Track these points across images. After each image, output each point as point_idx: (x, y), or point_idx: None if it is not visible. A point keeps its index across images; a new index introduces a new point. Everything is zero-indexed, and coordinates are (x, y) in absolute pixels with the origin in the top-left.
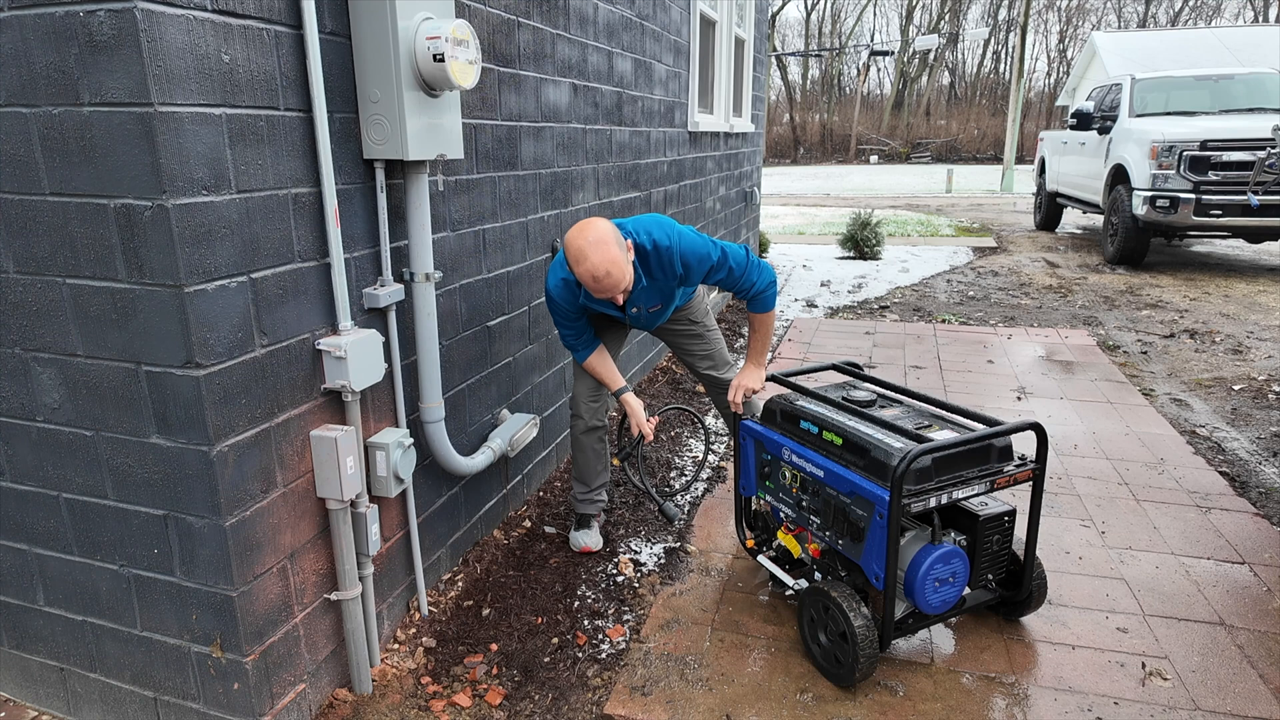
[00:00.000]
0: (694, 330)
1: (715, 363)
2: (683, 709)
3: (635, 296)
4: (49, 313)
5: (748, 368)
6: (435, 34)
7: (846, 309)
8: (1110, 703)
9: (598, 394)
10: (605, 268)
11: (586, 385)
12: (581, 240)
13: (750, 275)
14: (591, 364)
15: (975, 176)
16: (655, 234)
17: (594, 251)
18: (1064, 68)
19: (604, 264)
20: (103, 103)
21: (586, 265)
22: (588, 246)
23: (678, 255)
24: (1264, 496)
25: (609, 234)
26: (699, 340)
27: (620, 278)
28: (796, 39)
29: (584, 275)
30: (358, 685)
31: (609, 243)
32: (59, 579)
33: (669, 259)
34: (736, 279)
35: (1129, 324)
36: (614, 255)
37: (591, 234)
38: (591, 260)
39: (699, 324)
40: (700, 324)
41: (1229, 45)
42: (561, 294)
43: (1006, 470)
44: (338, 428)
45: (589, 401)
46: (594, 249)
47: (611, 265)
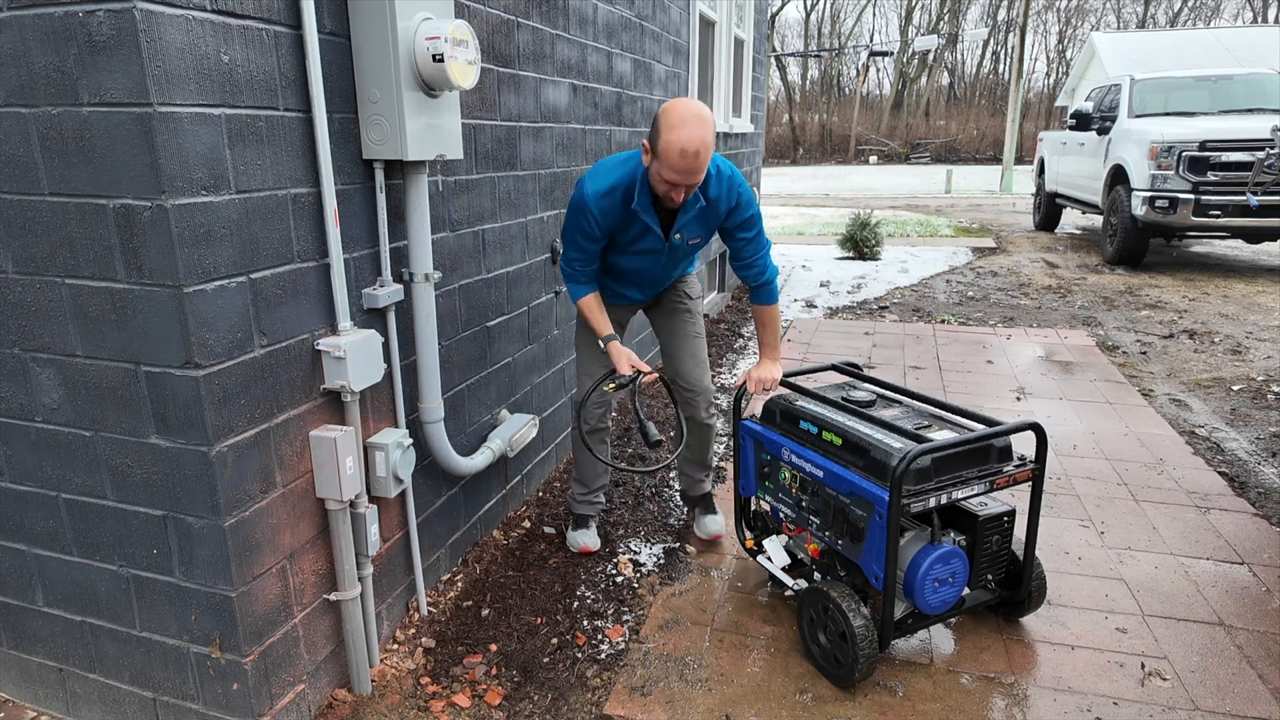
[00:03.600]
0: (690, 310)
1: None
2: (682, 709)
3: (686, 222)
4: (48, 313)
5: (764, 361)
6: (435, 34)
7: (846, 309)
8: (1110, 703)
9: (601, 396)
10: (697, 146)
11: (589, 375)
12: (686, 110)
13: (768, 252)
14: (588, 303)
15: (974, 177)
16: (718, 160)
17: (697, 125)
18: (1063, 68)
19: (699, 140)
20: (102, 103)
21: (684, 133)
22: (692, 117)
23: (738, 185)
24: (1263, 496)
25: (711, 116)
26: (691, 321)
27: (705, 164)
28: (796, 39)
29: (672, 145)
30: (357, 686)
31: (710, 125)
32: (58, 579)
33: (729, 185)
34: (760, 246)
35: (1128, 324)
36: (709, 138)
37: (698, 109)
38: (692, 130)
39: (696, 300)
40: (697, 302)
41: (1228, 46)
42: (601, 203)
43: (1006, 470)
44: (337, 428)
45: (593, 404)
46: (698, 122)
47: (704, 146)
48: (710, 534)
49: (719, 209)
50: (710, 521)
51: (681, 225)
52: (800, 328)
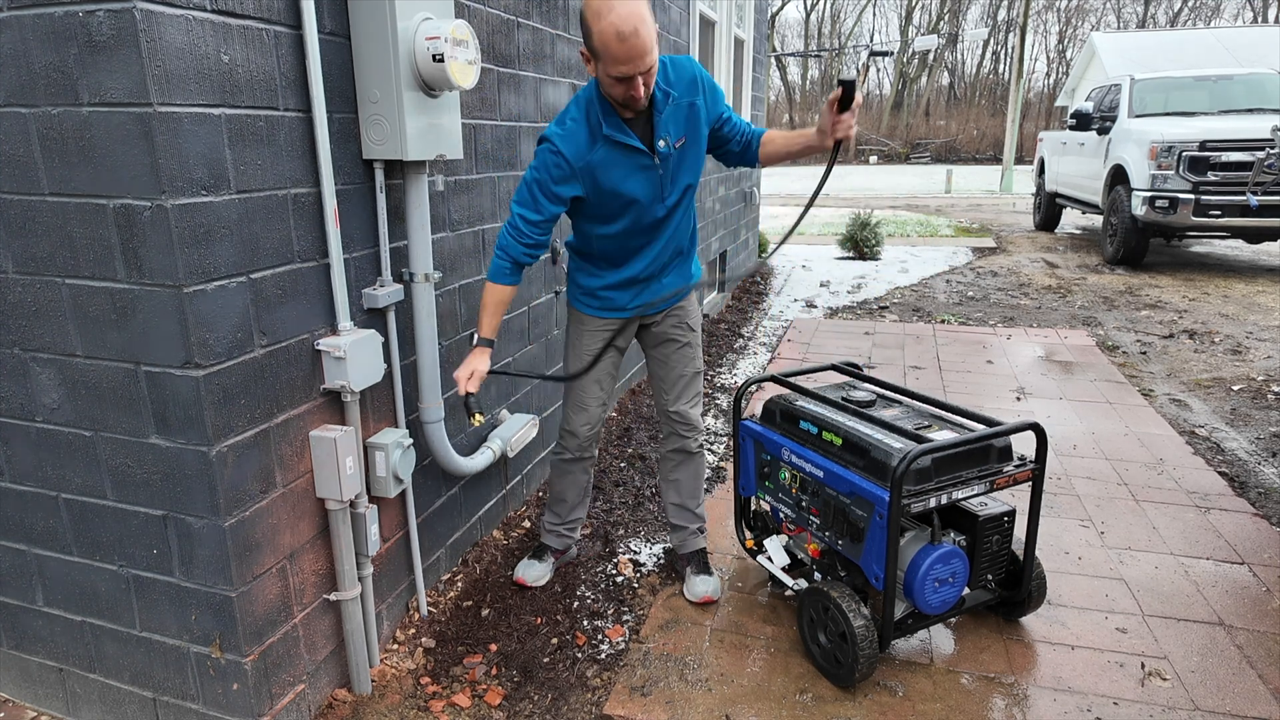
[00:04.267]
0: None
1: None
2: (682, 709)
3: (664, 121)
4: (48, 313)
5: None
6: (435, 34)
7: (846, 309)
8: (1110, 703)
9: (600, 424)
10: (634, 23)
11: (580, 406)
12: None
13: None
14: (495, 293)
15: (974, 177)
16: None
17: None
18: (1063, 68)
19: (632, 15)
20: (102, 103)
21: (613, 15)
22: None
23: (694, 67)
24: (1263, 496)
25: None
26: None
27: (649, 42)
28: (796, 39)
29: (607, 34)
30: (357, 685)
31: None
32: (58, 579)
33: (686, 70)
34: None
35: (1128, 324)
36: (643, 11)
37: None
38: (617, 11)
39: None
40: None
41: (1228, 46)
42: (569, 144)
43: (1006, 470)
44: (337, 428)
45: (584, 427)
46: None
47: (640, 20)
48: (699, 596)
49: (692, 98)
50: (700, 582)
51: (663, 129)
52: (800, 327)
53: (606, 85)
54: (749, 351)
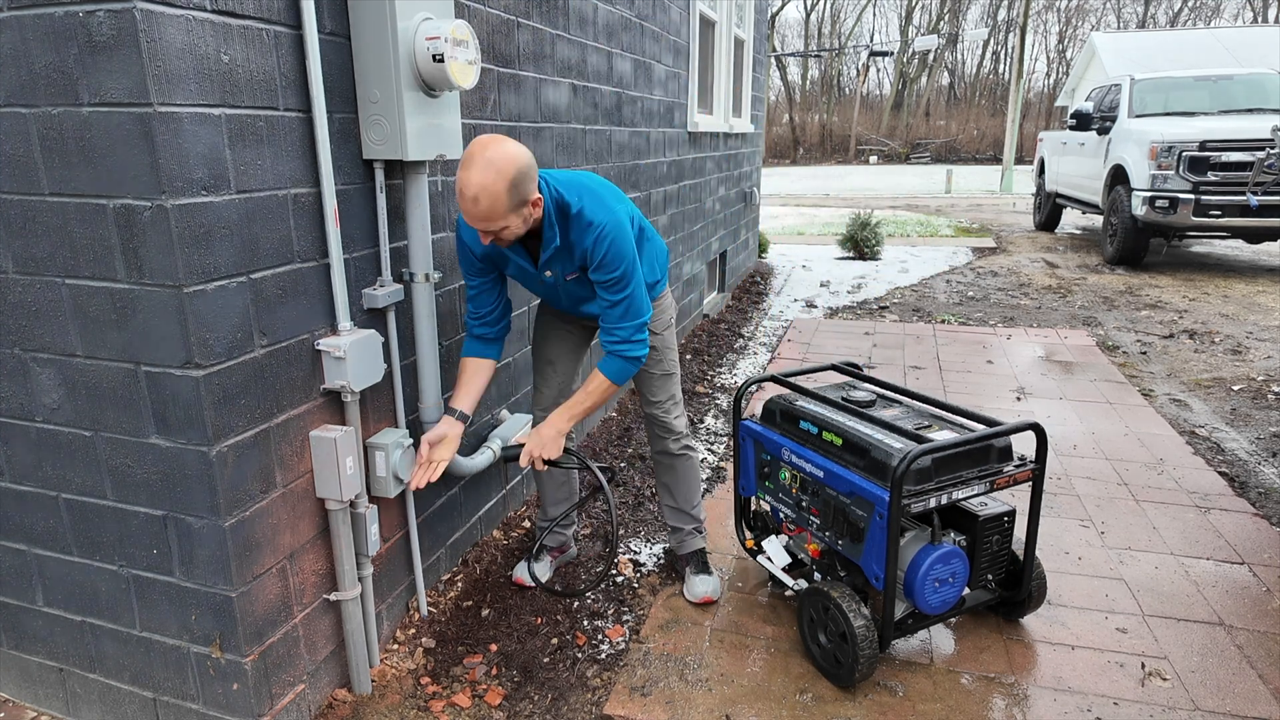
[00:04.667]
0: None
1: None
2: (682, 709)
3: (550, 257)
4: (48, 313)
5: (547, 421)
6: (435, 34)
7: (846, 309)
8: (1110, 703)
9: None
10: (475, 191)
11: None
12: (477, 148)
13: (628, 321)
14: (464, 365)
15: (975, 177)
16: (587, 203)
17: (478, 169)
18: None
19: (477, 186)
20: (102, 103)
21: (461, 175)
22: (476, 158)
23: (593, 239)
24: (1263, 497)
25: (510, 163)
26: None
27: (491, 213)
28: (796, 39)
29: (456, 183)
30: (357, 685)
31: (503, 172)
32: (58, 579)
33: (581, 235)
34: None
35: (1128, 324)
36: (495, 187)
37: (492, 151)
38: (469, 174)
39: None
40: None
41: (1228, 46)
42: (465, 234)
43: (1006, 470)
44: (337, 428)
45: (540, 412)
46: (480, 167)
47: (483, 192)
48: (698, 596)
49: (575, 254)
50: (700, 582)
51: (546, 261)
52: (800, 327)
53: None
54: (749, 351)
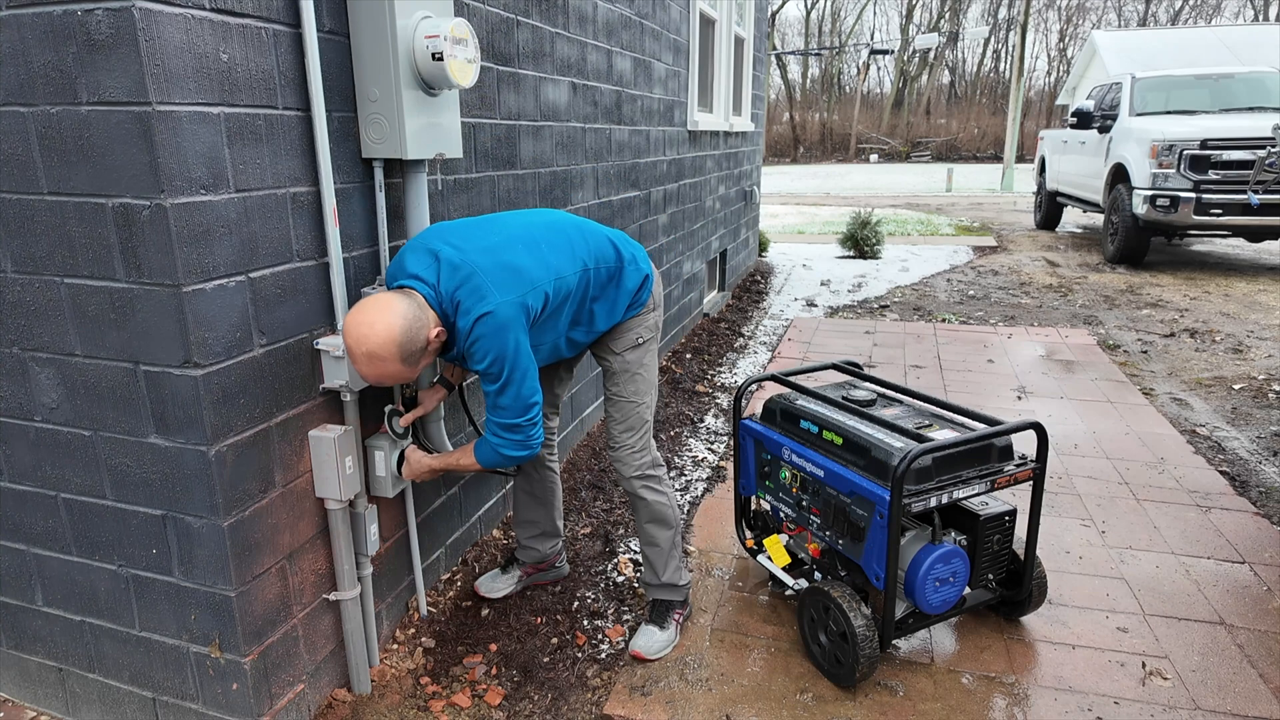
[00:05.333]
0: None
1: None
2: (682, 709)
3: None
4: (47, 312)
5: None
6: (434, 32)
7: (846, 308)
8: (1110, 702)
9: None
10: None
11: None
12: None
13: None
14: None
15: (975, 175)
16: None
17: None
18: (1064, 67)
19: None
20: (101, 102)
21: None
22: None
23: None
24: (1264, 496)
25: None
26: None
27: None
28: (796, 38)
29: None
30: (357, 685)
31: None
32: (57, 579)
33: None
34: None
35: (1129, 323)
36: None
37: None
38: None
39: (619, 356)
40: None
41: (1229, 44)
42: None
43: (1007, 470)
44: (336, 427)
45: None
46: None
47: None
48: (632, 648)
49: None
50: (641, 633)
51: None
52: (800, 326)
53: None
54: (749, 351)
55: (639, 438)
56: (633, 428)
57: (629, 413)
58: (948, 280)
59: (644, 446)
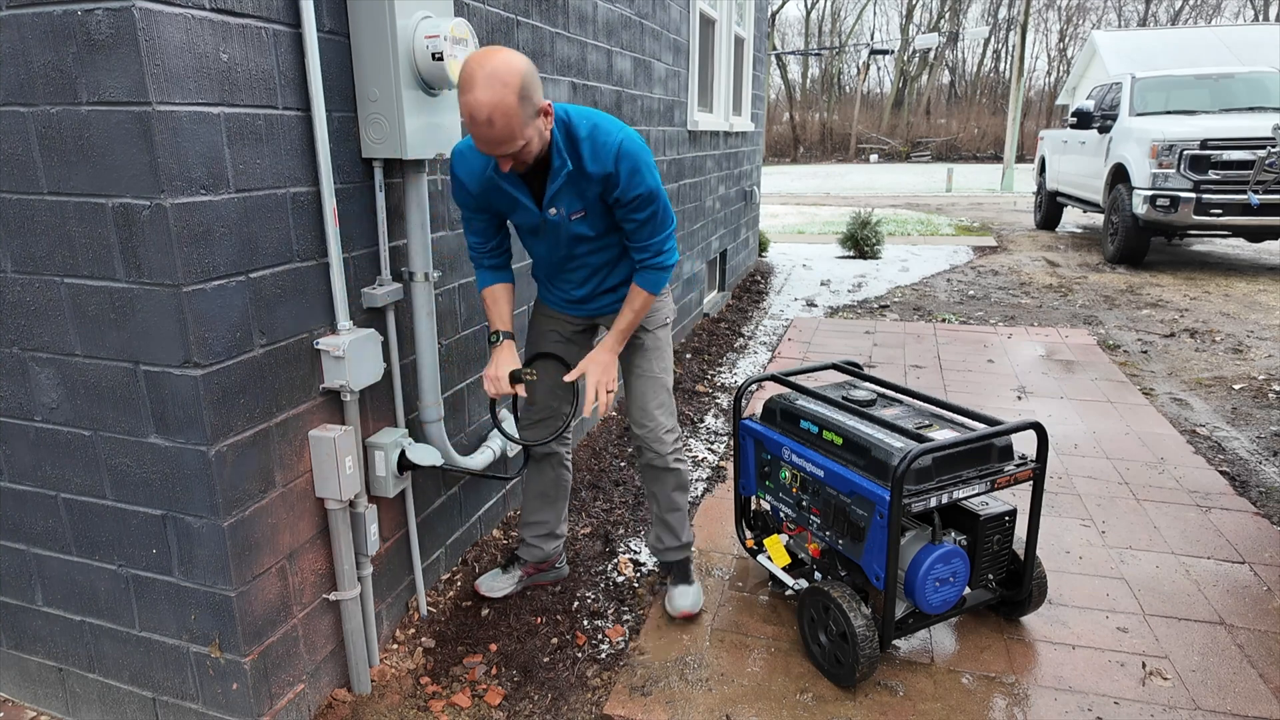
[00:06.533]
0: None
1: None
2: (682, 709)
3: (556, 191)
4: (47, 312)
5: (597, 351)
6: (434, 33)
7: (846, 308)
8: (1110, 702)
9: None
10: (488, 112)
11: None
12: (474, 65)
13: (659, 234)
14: (490, 294)
15: (975, 175)
16: (599, 122)
17: (483, 88)
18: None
19: (489, 106)
20: (101, 102)
21: (467, 99)
22: (479, 76)
23: (618, 151)
24: (1264, 496)
25: (514, 72)
26: (642, 356)
27: (508, 132)
28: (796, 38)
29: (463, 110)
30: (357, 685)
31: (509, 84)
32: (57, 579)
33: (602, 151)
34: (652, 229)
35: (1129, 323)
36: (507, 102)
37: (492, 63)
38: (476, 95)
39: (652, 332)
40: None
41: (1229, 44)
42: (463, 164)
43: (1007, 470)
44: (336, 427)
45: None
46: (485, 84)
47: (496, 111)
48: (678, 611)
49: (593, 179)
50: (680, 594)
51: (553, 196)
52: (800, 326)
53: None
54: (749, 350)
55: (669, 415)
56: (663, 404)
57: (659, 389)
58: (948, 280)
59: (674, 424)
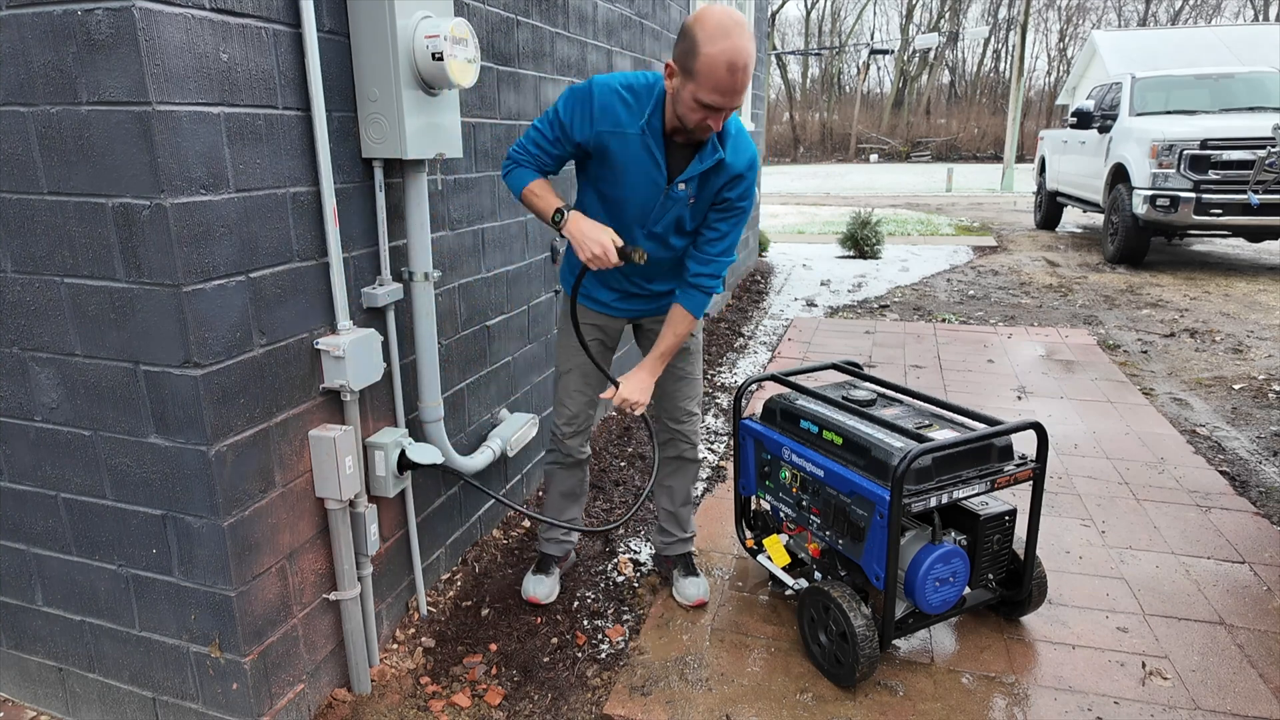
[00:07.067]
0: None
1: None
2: (682, 709)
3: (696, 173)
4: (47, 312)
5: (635, 372)
6: (434, 32)
7: (846, 308)
8: (1110, 702)
9: (584, 421)
10: (746, 59)
11: (571, 407)
12: (725, 17)
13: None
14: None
15: (975, 175)
16: (740, 126)
17: (742, 35)
18: (1064, 66)
19: (748, 54)
20: (101, 102)
21: (729, 44)
22: (734, 25)
23: (751, 155)
24: (1264, 496)
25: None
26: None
27: (747, 86)
28: (796, 38)
29: (717, 60)
30: (357, 685)
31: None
32: (57, 579)
33: (745, 153)
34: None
35: (1129, 323)
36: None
37: (737, 15)
38: (738, 41)
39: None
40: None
41: (1229, 44)
42: (609, 97)
43: (1007, 470)
44: (336, 427)
45: (564, 425)
46: (742, 32)
47: (752, 61)
48: (691, 599)
49: (724, 173)
50: (690, 584)
51: (690, 174)
52: (800, 326)
53: (685, 105)
54: (749, 350)
55: (700, 410)
56: (698, 400)
57: (697, 388)
58: (948, 280)
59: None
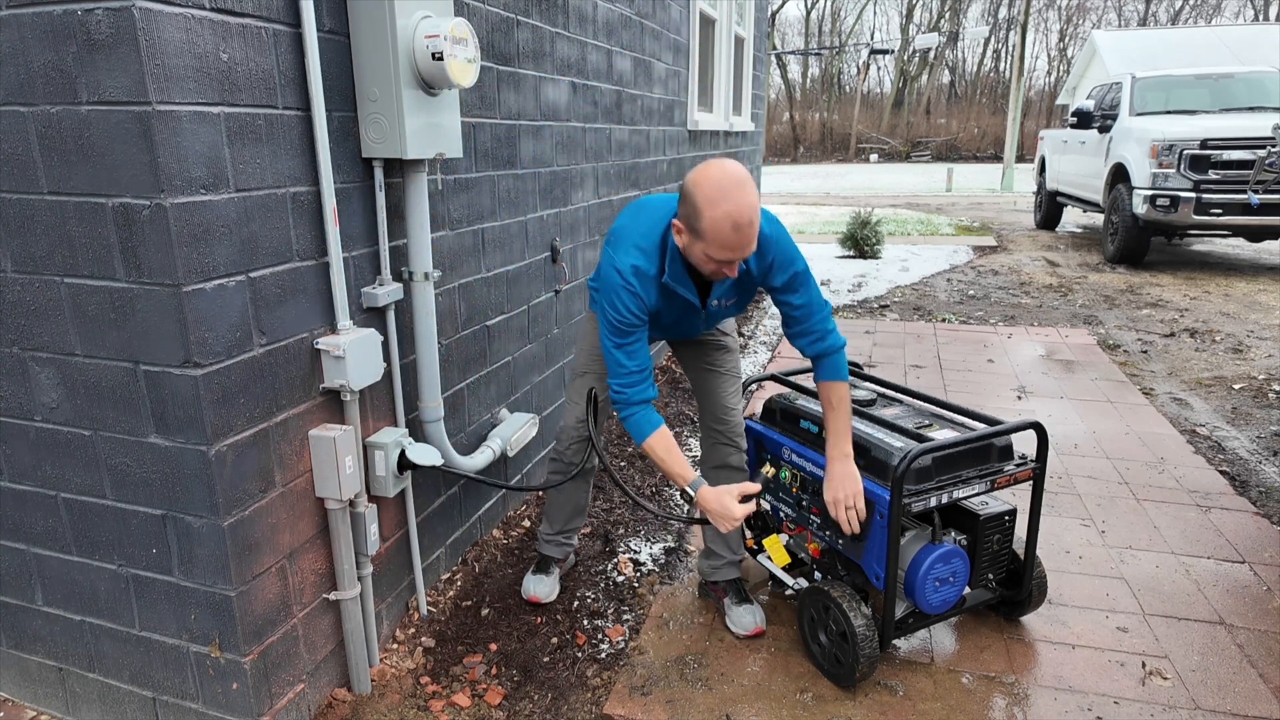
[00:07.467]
0: (726, 346)
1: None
2: (682, 709)
3: (724, 289)
4: (47, 312)
5: (833, 462)
6: (434, 32)
7: (846, 308)
8: (1110, 702)
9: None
10: (750, 214)
11: (573, 400)
12: (723, 176)
13: (823, 310)
14: (656, 442)
15: (975, 175)
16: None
17: (741, 191)
18: (1064, 66)
19: (750, 208)
20: (101, 101)
21: (731, 204)
22: (732, 184)
23: (770, 240)
24: (1264, 495)
25: (747, 174)
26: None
27: (755, 237)
28: (796, 37)
29: (721, 222)
30: (357, 685)
31: (752, 183)
32: (57, 579)
33: (765, 244)
34: (813, 310)
35: (1129, 323)
36: (758, 200)
37: (734, 170)
38: (739, 198)
39: (731, 336)
40: (732, 338)
41: (1229, 44)
42: (639, 279)
43: (1007, 469)
44: (336, 427)
45: (579, 441)
46: (740, 188)
47: (755, 213)
48: (749, 629)
49: (752, 271)
50: (745, 613)
51: (719, 293)
52: None
53: (698, 259)
54: (749, 350)
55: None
56: (740, 396)
57: (739, 384)
58: (948, 280)
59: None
